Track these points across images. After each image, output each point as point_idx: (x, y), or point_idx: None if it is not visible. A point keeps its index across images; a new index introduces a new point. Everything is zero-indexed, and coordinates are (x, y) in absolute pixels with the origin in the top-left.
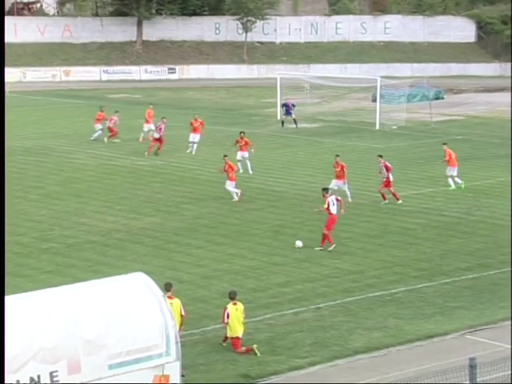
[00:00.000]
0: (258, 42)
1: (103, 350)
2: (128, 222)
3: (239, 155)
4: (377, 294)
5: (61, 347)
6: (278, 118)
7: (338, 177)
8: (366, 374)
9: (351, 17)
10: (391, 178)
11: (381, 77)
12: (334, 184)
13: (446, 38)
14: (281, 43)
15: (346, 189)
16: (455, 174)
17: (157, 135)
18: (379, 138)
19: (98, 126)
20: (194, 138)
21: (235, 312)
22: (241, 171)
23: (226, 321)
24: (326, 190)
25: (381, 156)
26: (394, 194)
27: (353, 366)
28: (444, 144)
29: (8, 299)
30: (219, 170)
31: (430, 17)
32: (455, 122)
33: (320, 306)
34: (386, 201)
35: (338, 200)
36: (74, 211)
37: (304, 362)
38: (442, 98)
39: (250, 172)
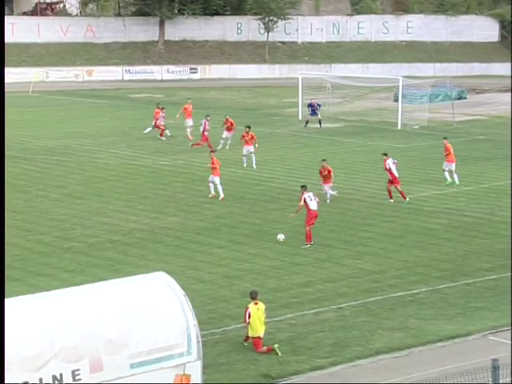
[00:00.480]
0: (280, 42)
1: (125, 349)
2: (150, 222)
3: (245, 150)
4: (398, 294)
5: (83, 346)
6: (300, 117)
7: (326, 181)
8: (387, 375)
9: (373, 16)
10: (396, 175)
11: (403, 76)
12: (324, 188)
13: (469, 38)
14: (302, 43)
15: (330, 192)
16: (453, 168)
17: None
18: (401, 137)
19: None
20: (227, 135)
21: (256, 312)
22: (244, 165)
23: (247, 321)
24: (304, 187)
25: (385, 154)
26: (401, 193)
27: (374, 366)
28: (444, 138)
29: (30, 298)
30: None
31: (452, 16)
32: (478, 121)
33: (341, 306)
34: (392, 200)
35: (316, 197)
36: (96, 210)
37: (325, 362)
38: (465, 98)
39: (254, 167)
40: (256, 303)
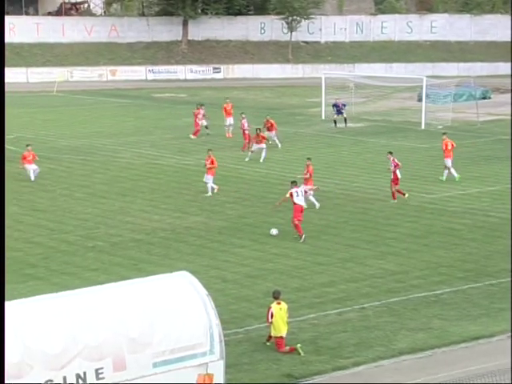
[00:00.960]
0: (303, 42)
1: (147, 348)
2: (173, 221)
3: (255, 146)
4: (421, 294)
5: (106, 345)
6: (323, 117)
7: (307, 182)
8: (410, 375)
9: (397, 16)
10: (399, 176)
11: (427, 76)
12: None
13: (494, 37)
14: (326, 43)
15: (311, 196)
16: (449, 164)
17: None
18: (424, 137)
19: (203, 122)
20: (271, 135)
21: (279, 311)
22: (246, 159)
23: (270, 320)
24: (294, 182)
25: (391, 153)
26: (399, 192)
27: (397, 366)
28: (444, 134)
29: (54, 296)
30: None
31: (477, 15)
32: (502, 121)
33: (364, 306)
34: (395, 201)
35: (305, 192)
36: (120, 210)
37: (348, 363)
38: (489, 98)
39: (261, 161)
40: (279, 303)
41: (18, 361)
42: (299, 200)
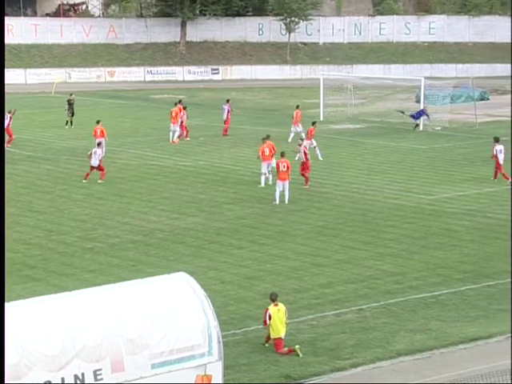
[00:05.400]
0: (301, 43)
1: (146, 350)
2: (171, 222)
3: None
4: (420, 295)
5: (104, 346)
6: (321, 118)
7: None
8: (409, 377)
9: (395, 17)
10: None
11: (425, 77)
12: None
13: (492, 38)
14: (324, 44)
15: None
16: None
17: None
18: (423, 138)
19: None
20: (297, 129)
21: (277, 313)
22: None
23: (268, 322)
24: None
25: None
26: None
27: (396, 368)
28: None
29: (52, 298)
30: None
31: (475, 17)
32: (500, 123)
33: (362, 307)
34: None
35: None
36: (118, 211)
37: (346, 364)
38: (487, 99)
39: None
40: (276, 304)
41: (17, 362)
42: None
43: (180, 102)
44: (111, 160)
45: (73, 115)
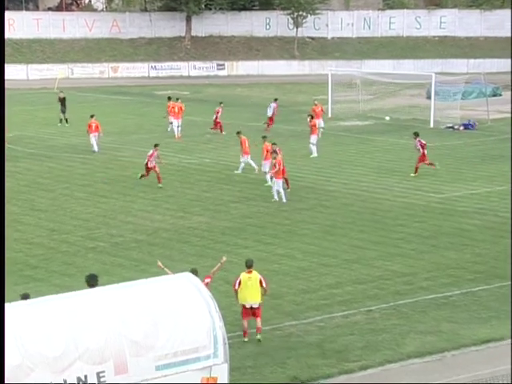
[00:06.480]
0: (309, 38)
1: (150, 351)
2: (175, 221)
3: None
4: (430, 296)
5: (107, 348)
6: (329, 115)
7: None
8: (419, 379)
9: (405, 11)
10: (426, 153)
11: (436, 73)
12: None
13: (504, 33)
14: (332, 38)
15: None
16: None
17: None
18: (433, 135)
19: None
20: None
21: (248, 280)
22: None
23: (235, 288)
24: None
25: (416, 134)
26: (431, 164)
27: (406, 370)
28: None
29: (54, 298)
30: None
31: (487, 11)
32: None
33: (371, 308)
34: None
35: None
36: (121, 210)
37: (355, 366)
38: (500, 95)
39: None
40: (249, 271)
41: (19, 363)
42: None
43: (177, 99)
44: (115, 158)
45: (64, 112)
